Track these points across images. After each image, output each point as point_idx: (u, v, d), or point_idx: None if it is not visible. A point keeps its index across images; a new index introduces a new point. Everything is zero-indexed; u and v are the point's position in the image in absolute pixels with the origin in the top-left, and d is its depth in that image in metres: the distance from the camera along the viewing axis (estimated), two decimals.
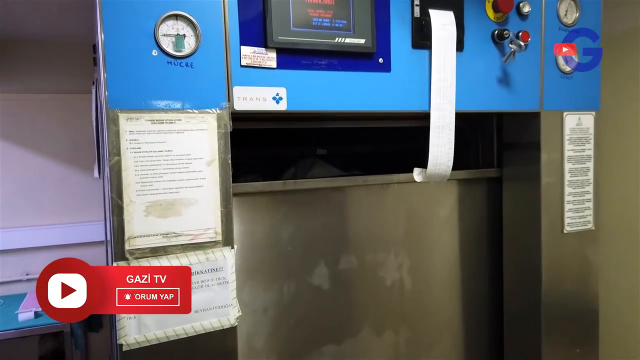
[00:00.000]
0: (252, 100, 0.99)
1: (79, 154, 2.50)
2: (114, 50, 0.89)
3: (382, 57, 1.11)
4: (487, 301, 1.49)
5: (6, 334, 2.07)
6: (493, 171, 1.47)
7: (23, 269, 2.56)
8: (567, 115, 1.34)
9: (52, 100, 2.51)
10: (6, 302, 2.37)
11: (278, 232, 1.22)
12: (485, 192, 1.48)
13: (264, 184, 1.18)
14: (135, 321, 0.92)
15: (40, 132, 2.52)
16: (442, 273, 1.43)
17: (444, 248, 1.43)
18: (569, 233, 1.35)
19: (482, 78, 1.23)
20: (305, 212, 1.25)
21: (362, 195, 1.31)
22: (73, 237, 2.48)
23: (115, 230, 0.90)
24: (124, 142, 0.90)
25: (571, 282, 1.37)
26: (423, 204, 1.40)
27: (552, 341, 1.34)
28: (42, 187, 2.54)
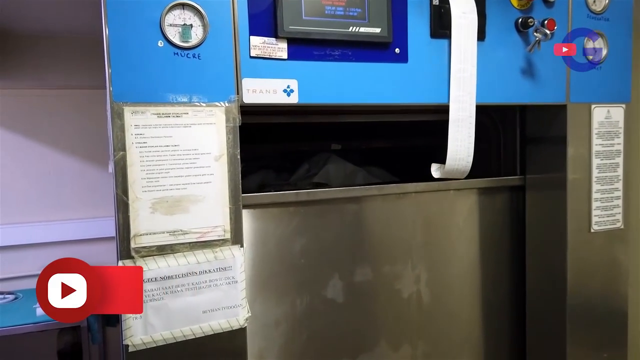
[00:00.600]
0: (262, 92, 0.95)
1: (95, 149, 2.50)
2: (118, 42, 0.86)
3: (399, 47, 1.06)
4: (508, 315, 1.42)
5: (24, 328, 2.08)
6: (516, 179, 1.40)
7: (41, 263, 2.56)
8: (596, 108, 1.27)
9: (69, 95, 2.52)
10: (25, 296, 2.39)
11: (290, 244, 1.17)
12: (507, 201, 1.41)
13: (275, 195, 1.14)
14: (141, 321, 0.89)
15: (56, 127, 2.53)
16: (462, 285, 1.37)
17: (463, 259, 1.37)
18: (596, 232, 1.29)
19: (505, 69, 1.17)
20: (319, 223, 1.20)
21: (377, 205, 1.26)
22: (90, 232, 2.48)
23: (121, 228, 0.88)
24: (129, 137, 0.87)
25: (598, 284, 1.30)
26: (442, 214, 1.34)
27: (577, 346, 1.28)
28: (58, 182, 2.55)
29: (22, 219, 2.53)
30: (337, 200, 1.21)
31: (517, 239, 1.41)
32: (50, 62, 2.38)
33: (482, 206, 1.38)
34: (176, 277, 0.91)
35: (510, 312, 1.42)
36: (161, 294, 0.90)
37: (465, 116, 1.12)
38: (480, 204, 1.38)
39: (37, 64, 2.37)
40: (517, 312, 1.42)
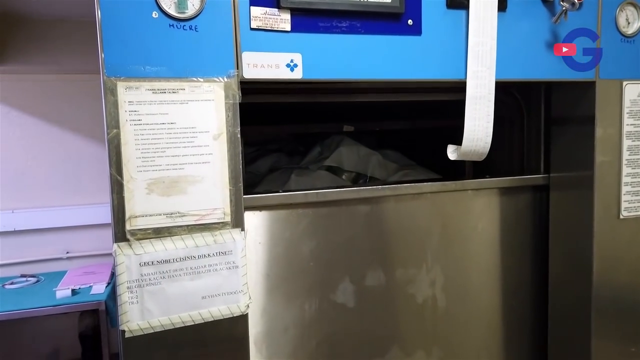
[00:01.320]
0: (263, 67, 0.90)
1: None
2: (110, 13, 0.81)
3: (412, 19, 0.99)
4: (528, 321, 1.35)
5: (46, 311, 2.11)
6: (539, 178, 1.32)
7: (63, 247, 2.61)
8: (628, 85, 1.17)
9: (88, 80, 2.52)
10: (47, 279, 2.43)
11: (299, 247, 1.12)
12: (530, 202, 1.33)
13: (282, 196, 1.09)
14: (138, 306, 0.86)
15: (77, 112, 2.54)
16: (479, 289, 1.30)
17: (481, 262, 1.30)
18: (626, 218, 1.20)
19: (528, 42, 1.08)
20: (329, 224, 1.15)
21: (390, 206, 1.20)
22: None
23: (115, 209, 0.84)
24: (123, 114, 0.83)
25: (627, 273, 1.22)
26: (459, 215, 1.26)
27: (603, 338, 1.20)
28: (79, 166, 2.57)
29: (44, 203, 2.56)
30: (347, 201, 1.16)
31: (540, 239, 1.33)
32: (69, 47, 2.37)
33: (501, 206, 1.31)
34: (174, 261, 0.87)
35: (531, 318, 1.35)
36: (158, 279, 0.87)
37: (484, 93, 1.05)
38: (501, 205, 1.30)
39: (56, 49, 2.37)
40: (539, 318, 1.34)
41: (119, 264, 0.84)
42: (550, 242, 1.31)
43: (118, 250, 0.84)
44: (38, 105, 2.52)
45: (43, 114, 2.53)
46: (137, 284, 0.86)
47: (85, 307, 2.18)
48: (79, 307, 2.17)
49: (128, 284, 0.85)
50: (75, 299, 2.17)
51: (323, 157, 1.50)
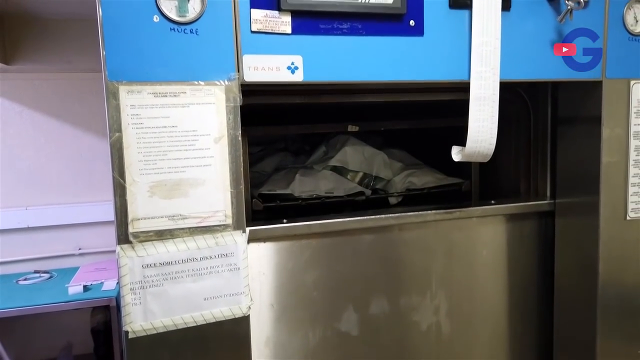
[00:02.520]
0: (264, 70, 0.90)
1: None
2: (112, 17, 0.82)
3: (414, 19, 0.98)
4: (534, 347, 1.34)
5: (58, 307, 2.14)
6: (545, 204, 1.31)
7: (76, 243, 2.65)
8: (635, 84, 1.16)
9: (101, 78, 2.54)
10: (59, 275, 2.46)
11: (302, 277, 1.13)
12: (535, 228, 1.32)
13: (285, 228, 1.10)
14: (141, 307, 0.87)
15: (89, 110, 2.56)
16: (483, 316, 1.29)
17: (485, 288, 1.29)
18: (633, 220, 1.19)
19: (533, 42, 1.07)
20: (332, 254, 1.16)
21: (394, 234, 1.20)
22: None
23: (118, 212, 0.85)
24: (125, 117, 0.84)
25: (633, 275, 1.20)
26: (463, 242, 1.26)
27: (609, 340, 1.19)
28: (91, 164, 2.60)
29: (57, 200, 2.59)
30: (351, 230, 1.16)
31: (545, 267, 1.32)
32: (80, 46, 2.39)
33: (508, 233, 1.30)
34: (176, 262, 0.88)
35: (537, 344, 1.34)
36: (161, 280, 0.88)
37: (488, 94, 1.04)
38: (506, 231, 1.30)
39: (66, 47, 2.39)
40: (544, 344, 1.34)
41: (122, 265, 0.86)
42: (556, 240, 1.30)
43: (121, 253, 0.86)
44: (50, 103, 2.55)
45: (55, 113, 2.56)
46: (140, 285, 0.87)
47: (97, 303, 2.21)
48: (90, 303, 2.20)
49: (131, 286, 0.86)
50: (87, 295, 2.20)
51: (328, 156, 1.50)
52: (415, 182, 1.48)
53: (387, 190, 1.49)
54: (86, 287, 2.24)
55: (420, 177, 1.49)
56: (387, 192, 1.49)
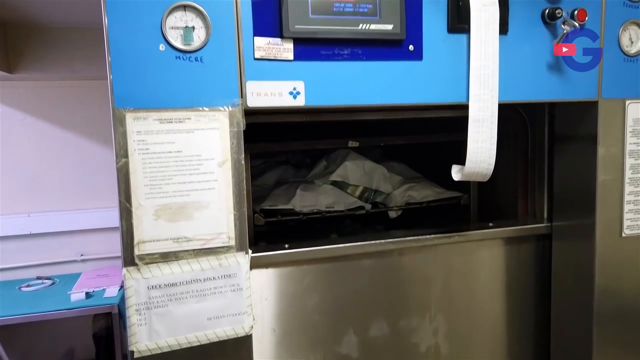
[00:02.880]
0: (266, 95, 0.92)
1: None
2: (119, 47, 0.84)
3: (413, 44, 1.00)
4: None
5: (60, 314, 2.16)
6: (542, 227, 1.33)
7: (78, 249, 2.67)
8: (631, 104, 1.18)
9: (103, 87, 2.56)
10: (62, 282, 2.48)
11: (303, 301, 1.15)
12: (533, 250, 1.34)
13: (287, 254, 1.12)
14: (146, 327, 0.89)
15: (93, 117, 2.58)
16: (482, 337, 1.31)
17: (483, 310, 1.31)
18: (628, 237, 1.21)
19: (530, 64, 1.09)
20: (333, 279, 1.18)
21: (394, 258, 1.22)
22: None
23: (125, 235, 0.87)
24: (132, 143, 0.86)
25: (629, 291, 1.22)
26: (462, 265, 1.28)
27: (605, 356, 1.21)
28: (93, 171, 2.62)
29: (59, 207, 2.61)
30: (351, 255, 1.18)
31: (543, 290, 1.35)
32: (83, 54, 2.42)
33: (504, 256, 1.32)
34: (180, 284, 0.91)
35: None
36: (165, 301, 0.90)
37: (486, 116, 1.06)
38: (504, 254, 1.32)
39: (70, 56, 2.41)
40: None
41: (128, 287, 0.88)
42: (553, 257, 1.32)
43: (127, 275, 0.88)
44: (53, 111, 2.57)
45: (58, 120, 2.58)
46: (145, 306, 0.89)
47: (99, 310, 2.22)
48: (92, 310, 2.22)
49: (137, 307, 0.88)
50: (89, 302, 2.21)
51: (329, 170, 1.52)
52: (414, 195, 1.51)
53: (387, 204, 1.51)
54: (88, 294, 2.26)
55: (419, 190, 1.52)
56: (387, 205, 1.51)
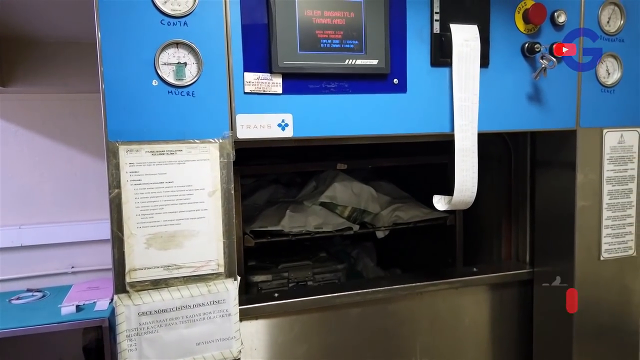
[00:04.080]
0: (255, 127, 0.96)
1: None
2: (113, 81, 0.88)
3: (397, 78, 1.04)
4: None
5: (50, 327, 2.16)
6: (524, 274, 1.38)
7: (69, 262, 2.67)
8: (608, 133, 1.22)
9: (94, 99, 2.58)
10: (52, 294, 2.48)
11: (292, 350, 1.19)
12: (516, 296, 1.40)
13: (276, 306, 1.15)
14: (136, 353, 0.92)
15: (83, 130, 2.60)
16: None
17: (467, 353, 1.36)
18: (606, 260, 1.25)
19: (511, 95, 1.14)
20: (321, 328, 1.22)
21: (380, 306, 1.27)
22: None
23: (116, 263, 0.90)
24: (124, 175, 0.89)
25: (607, 312, 1.26)
26: (447, 310, 1.33)
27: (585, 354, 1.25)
28: (85, 183, 2.62)
29: (50, 219, 2.62)
30: (339, 305, 1.22)
31: (525, 335, 1.40)
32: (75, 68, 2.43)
33: (489, 302, 1.38)
34: (170, 310, 0.93)
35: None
36: (155, 327, 0.93)
37: (469, 145, 1.09)
38: (488, 300, 1.38)
39: (63, 70, 2.43)
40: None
41: (119, 314, 0.90)
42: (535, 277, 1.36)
43: (118, 302, 0.90)
44: (45, 124, 2.58)
45: (50, 133, 2.59)
46: (135, 332, 0.91)
47: (89, 323, 2.22)
48: (83, 323, 2.21)
49: (127, 333, 0.91)
50: (79, 316, 2.21)
51: (318, 191, 1.56)
52: (402, 216, 1.54)
53: (374, 224, 1.55)
54: (79, 307, 2.26)
55: (406, 211, 1.55)
56: (374, 226, 1.54)
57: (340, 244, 1.91)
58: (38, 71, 2.38)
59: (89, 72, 2.47)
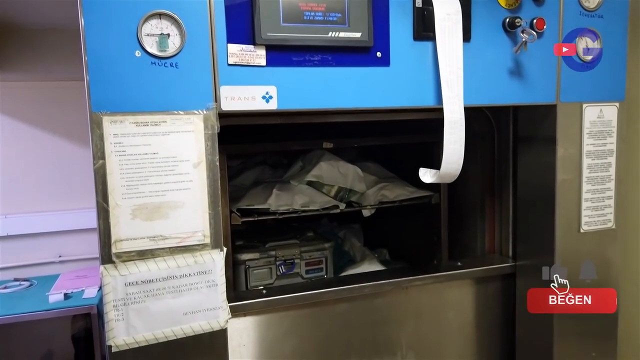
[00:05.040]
0: (240, 99, 0.96)
1: None
2: (96, 52, 0.88)
3: (380, 51, 1.05)
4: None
5: (38, 315, 2.15)
6: (507, 267, 1.41)
7: (56, 251, 2.65)
8: (587, 107, 1.25)
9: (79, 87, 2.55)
10: (40, 283, 2.47)
11: (281, 346, 1.21)
12: (499, 289, 1.43)
13: (265, 302, 1.17)
14: (123, 323, 0.93)
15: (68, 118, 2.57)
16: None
17: (452, 346, 1.40)
18: (586, 232, 1.28)
19: (492, 70, 1.15)
20: (309, 323, 1.24)
21: (367, 301, 1.29)
22: None
23: (102, 234, 0.90)
24: (109, 146, 0.89)
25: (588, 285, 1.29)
26: (432, 304, 1.37)
27: (565, 345, 1.28)
28: (70, 171, 2.61)
29: (36, 208, 2.60)
30: (327, 301, 1.24)
31: (508, 327, 1.43)
32: (60, 55, 2.41)
33: (473, 295, 1.41)
34: (157, 280, 0.94)
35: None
36: (142, 297, 0.93)
37: (457, 118, 1.10)
38: (472, 294, 1.41)
39: (47, 57, 2.41)
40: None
41: (106, 284, 0.91)
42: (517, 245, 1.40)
43: (104, 272, 0.91)
44: (30, 112, 2.56)
45: (35, 121, 2.57)
46: (122, 302, 0.92)
47: (78, 310, 2.22)
48: (71, 311, 2.21)
49: (114, 303, 0.92)
50: (67, 303, 2.21)
51: (305, 171, 1.57)
52: (387, 195, 1.56)
53: (361, 203, 1.56)
54: (67, 295, 2.25)
55: (392, 190, 1.57)
56: (361, 205, 1.56)
57: (328, 226, 1.93)
58: (22, 58, 2.36)
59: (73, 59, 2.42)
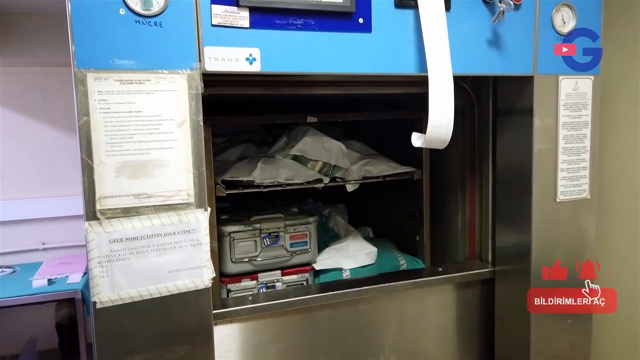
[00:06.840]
0: (224, 60, 0.98)
1: None
2: (80, 9, 0.88)
3: (362, 17, 1.08)
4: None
5: (21, 300, 2.14)
6: (486, 272, 1.46)
7: (39, 238, 2.64)
8: (563, 80, 1.28)
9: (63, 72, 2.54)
10: (23, 270, 2.45)
11: (266, 351, 1.23)
12: (478, 294, 1.48)
13: (250, 309, 1.19)
14: (108, 279, 0.94)
15: (52, 104, 2.56)
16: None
17: (433, 349, 1.43)
18: (562, 201, 1.31)
19: (471, 40, 1.18)
20: (294, 329, 1.27)
21: (351, 307, 1.32)
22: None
23: (86, 190, 0.91)
24: (93, 102, 0.90)
25: (563, 251, 1.33)
26: (414, 310, 1.40)
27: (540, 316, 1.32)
28: (54, 158, 2.59)
29: (20, 195, 2.58)
30: (312, 307, 1.26)
31: (488, 330, 1.47)
32: (44, 39, 2.39)
33: (454, 299, 1.45)
34: (141, 238, 0.95)
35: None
36: (127, 254, 0.94)
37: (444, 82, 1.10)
38: (453, 297, 1.45)
39: (30, 41, 2.39)
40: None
41: (90, 240, 0.92)
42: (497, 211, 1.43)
43: (89, 228, 0.92)
44: (13, 97, 2.54)
45: (18, 106, 2.55)
46: (107, 259, 0.93)
47: (62, 295, 2.20)
48: (55, 296, 2.19)
49: (99, 259, 0.93)
50: (51, 288, 2.19)
51: (289, 145, 1.58)
52: (371, 170, 1.58)
53: (345, 178, 1.59)
54: (50, 281, 2.24)
55: (375, 166, 1.60)
56: (344, 179, 1.58)
57: (313, 204, 1.95)
58: (5, 43, 2.34)
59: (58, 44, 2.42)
